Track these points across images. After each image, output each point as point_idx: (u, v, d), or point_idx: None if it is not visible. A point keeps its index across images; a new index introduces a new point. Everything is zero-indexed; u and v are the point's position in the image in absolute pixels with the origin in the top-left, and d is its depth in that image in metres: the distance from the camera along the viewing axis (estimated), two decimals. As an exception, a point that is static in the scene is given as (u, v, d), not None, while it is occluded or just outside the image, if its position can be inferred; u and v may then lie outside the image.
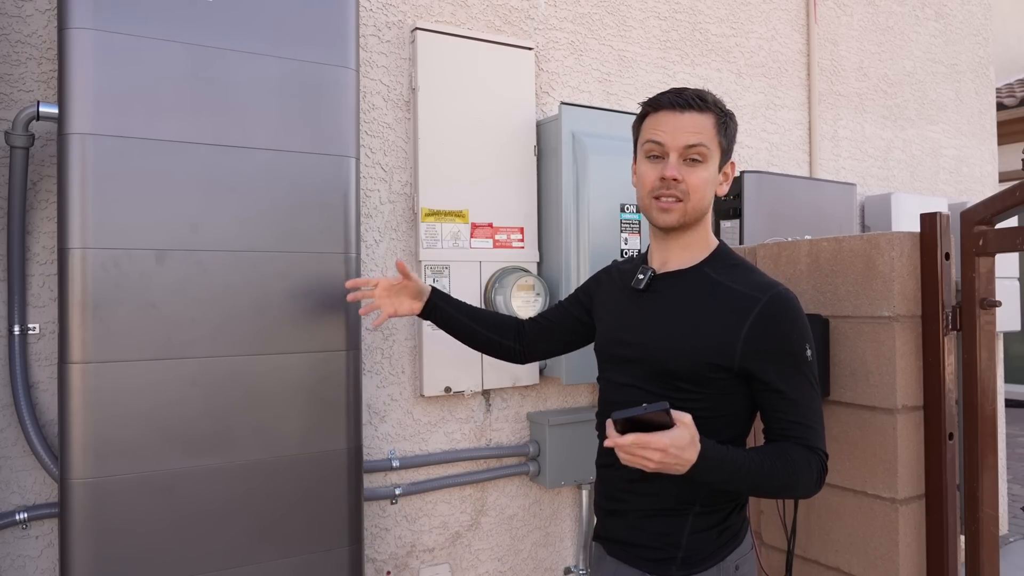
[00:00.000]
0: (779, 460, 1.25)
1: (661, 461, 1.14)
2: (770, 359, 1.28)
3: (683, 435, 1.15)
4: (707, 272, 1.36)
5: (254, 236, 1.67)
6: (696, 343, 1.30)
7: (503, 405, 2.40)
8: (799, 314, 1.32)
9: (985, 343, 1.83)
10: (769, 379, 1.28)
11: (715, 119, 1.34)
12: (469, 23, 2.36)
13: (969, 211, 1.88)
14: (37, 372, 1.73)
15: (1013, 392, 7.50)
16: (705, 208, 1.36)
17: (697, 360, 1.30)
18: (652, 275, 1.40)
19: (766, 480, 1.24)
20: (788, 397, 1.28)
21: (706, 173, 1.33)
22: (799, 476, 1.26)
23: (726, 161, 1.38)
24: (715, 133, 1.33)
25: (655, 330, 1.36)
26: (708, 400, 1.31)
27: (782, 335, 1.29)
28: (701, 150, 1.32)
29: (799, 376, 1.29)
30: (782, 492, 1.30)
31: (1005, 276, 3.59)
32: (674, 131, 1.32)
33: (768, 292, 1.30)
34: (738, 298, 1.30)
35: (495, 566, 2.39)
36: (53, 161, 1.74)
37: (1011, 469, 5.20)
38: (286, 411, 1.70)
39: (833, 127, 3.49)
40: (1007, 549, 3.85)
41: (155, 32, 1.57)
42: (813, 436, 1.28)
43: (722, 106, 1.36)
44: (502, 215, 2.30)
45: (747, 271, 1.36)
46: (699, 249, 1.39)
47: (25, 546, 1.72)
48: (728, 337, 1.28)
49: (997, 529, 1.87)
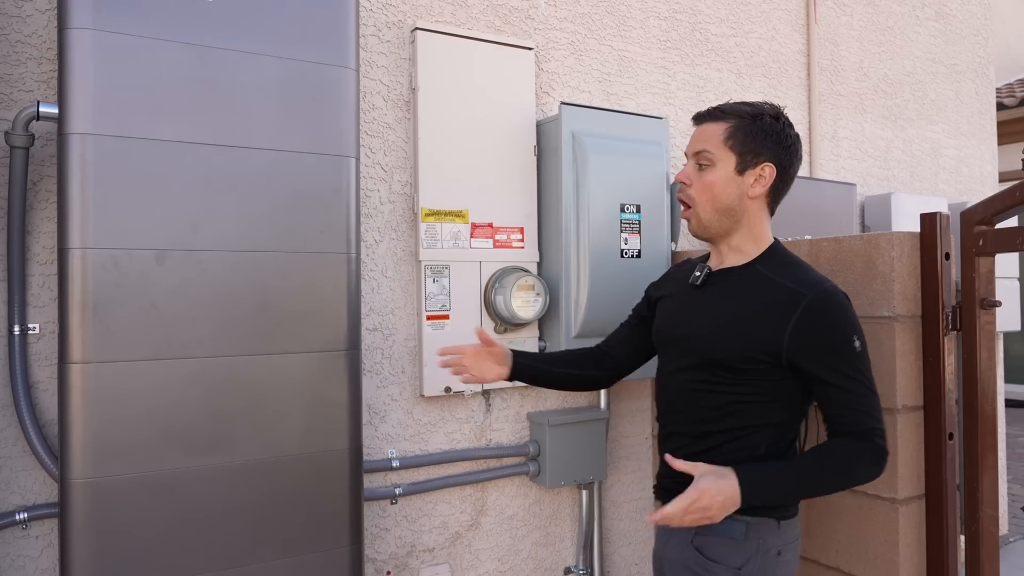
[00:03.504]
0: (824, 458, 1.36)
1: (711, 503, 1.29)
2: (816, 353, 1.36)
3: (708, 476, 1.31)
4: (759, 269, 1.46)
5: (254, 236, 1.67)
6: (742, 334, 1.40)
7: (503, 405, 2.40)
8: (846, 309, 1.39)
9: (985, 343, 1.83)
10: (817, 372, 1.37)
11: (728, 126, 1.44)
12: (469, 23, 2.36)
13: (969, 211, 1.88)
14: (37, 372, 1.73)
15: (1013, 392, 7.50)
16: (722, 210, 1.46)
17: (742, 351, 1.39)
18: (708, 272, 1.52)
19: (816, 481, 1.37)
20: (837, 386, 1.36)
21: (711, 176, 1.45)
22: (849, 467, 1.35)
23: (753, 164, 1.45)
24: (723, 139, 1.44)
25: (705, 320, 1.47)
26: (753, 386, 1.41)
27: (827, 330, 1.36)
28: (706, 155, 1.46)
29: (847, 366, 1.36)
30: (839, 485, 1.40)
31: (1005, 276, 3.59)
32: (691, 141, 1.51)
33: (815, 289, 1.38)
34: (786, 294, 1.39)
35: (495, 566, 2.39)
36: (53, 161, 1.74)
37: (1011, 469, 5.20)
38: (286, 411, 1.70)
39: (833, 127, 3.49)
40: (1007, 549, 3.85)
41: (155, 32, 1.57)
42: (867, 420, 1.36)
43: (743, 112, 1.45)
44: (502, 215, 2.30)
45: (798, 268, 1.45)
46: (751, 248, 1.49)
47: (25, 546, 1.72)
48: (774, 331, 1.37)
49: (997, 529, 1.87)
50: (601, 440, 2.45)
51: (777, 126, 1.45)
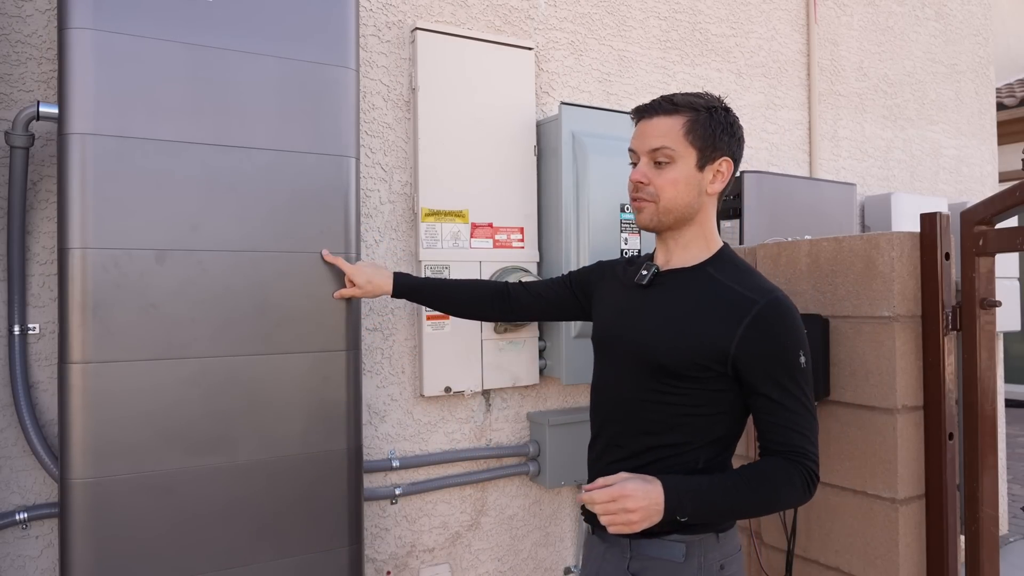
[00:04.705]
0: (755, 478, 1.27)
1: (636, 507, 1.19)
2: (762, 363, 1.29)
3: (633, 480, 1.22)
4: (709, 271, 1.38)
5: (254, 236, 1.67)
6: (690, 339, 1.31)
7: (503, 405, 2.40)
8: (795, 321, 1.32)
9: (985, 343, 1.83)
10: (758, 383, 1.29)
11: (685, 120, 1.34)
12: (469, 23, 2.36)
13: (969, 211, 1.88)
14: (37, 372, 1.73)
15: (1013, 392, 7.49)
16: (683, 206, 1.37)
17: (689, 356, 1.31)
18: (656, 271, 1.42)
19: (744, 501, 1.27)
20: (776, 402, 1.29)
21: (674, 173, 1.35)
22: (779, 491, 1.27)
23: (711, 159, 1.36)
24: (683, 134, 1.34)
25: (651, 324, 1.38)
26: (697, 396, 1.33)
27: (775, 340, 1.29)
28: (666, 152, 1.35)
29: (790, 382, 1.29)
30: (765, 509, 1.33)
31: (1005, 276, 3.59)
32: (642, 137, 1.38)
33: (767, 296, 1.31)
34: (736, 298, 1.31)
35: (495, 566, 2.39)
36: (53, 161, 1.74)
37: (1011, 469, 5.20)
38: (286, 411, 1.70)
39: (833, 127, 3.49)
40: (1007, 549, 3.85)
41: (155, 32, 1.57)
42: (801, 442, 1.28)
43: (697, 105, 1.35)
44: (502, 215, 2.30)
45: (748, 274, 1.37)
46: (700, 249, 1.41)
47: (25, 546, 1.72)
48: (722, 336, 1.29)
49: (997, 529, 1.87)
50: (601, 440, 2.44)
51: (729, 118, 1.38)
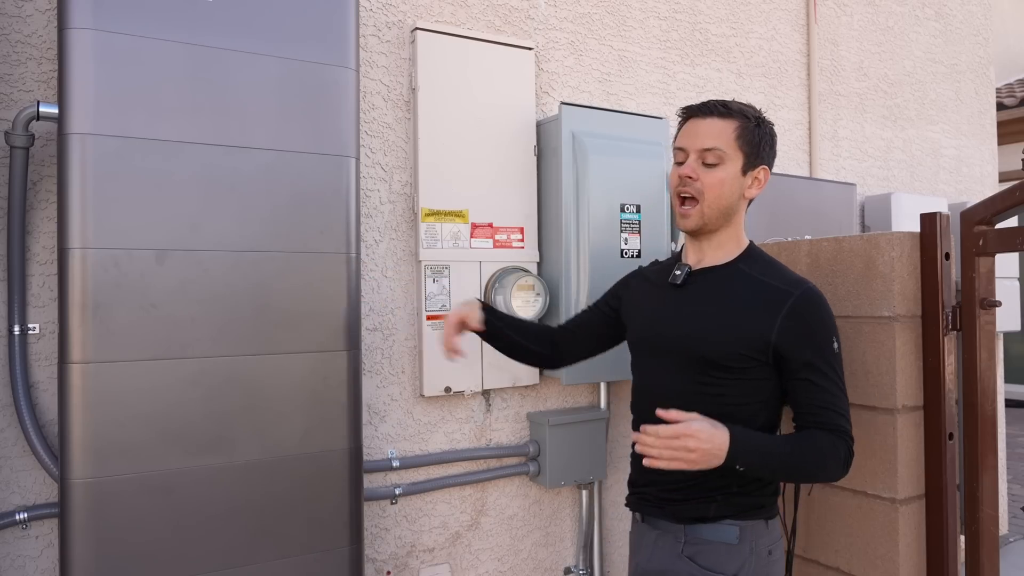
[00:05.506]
0: (807, 444, 1.35)
1: (698, 447, 1.24)
2: (800, 350, 1.37)
3: (702, 422, 1.27)
4: (741, 268, 1.47)
5: (254, 236, 1.67)
6: (732, 332, 1.39)
7: (503, 405, 2.40)
8: (827, 310, 1.43)
9: (985, 343, 1.83)
10: (800, 367, 1.38)
11: (737, 125, 1.43)
12: (469, 23, 2.36)
13: (969, 211, 1.87)
14: (37, 372, 1.73)
15: (1013, 392, 7.50)
16: (724, 208, 1.45)
17: (732, 349, 1.39)
18: (689, 271, 1.50)
19: (796, 464, 1.34)
20: (817, 384, 1.37)
21: (722, 174, 1.43)
22: (826, 460, 1.35)
23: (754, 166, 1.45)
24: (734, 138, 1.42)
25: (692, 320, 1.45)
26: (740, 387, 1.40)
27: (813, 327, 1.39)
28: (717, 153, 1.42)
29: (826, 366, 1.38)
30: (812, 476, 1.40)
31: (1005, 276, 3.59)
32: (693, 136, 1.45)
33: (800, 287, 1.41)
34: (772, 292, 1.41)
35: (495, 566, 2.39)
36: (53, 161, 1.74)
37: (1011, 469, 5.20)
38: (286, 411, 1.70)
39: (833, 127, 3.49)
40: (1007, 549, 3.86)
41: (155, 32, 1.57)
42: (840, 421, 1.37)
43: (749, 113, 1.45)
44: (502, 215, 2.30)
45: (778, 267, 1.47)
46: (732, 247, 1.49)
47: (25, 546, 1.72)
48: (762, 327, 1.38)
49: (997, 529, 1.87)
50: (601, 440, 2.45)
51: (772, 131, 1.48)
